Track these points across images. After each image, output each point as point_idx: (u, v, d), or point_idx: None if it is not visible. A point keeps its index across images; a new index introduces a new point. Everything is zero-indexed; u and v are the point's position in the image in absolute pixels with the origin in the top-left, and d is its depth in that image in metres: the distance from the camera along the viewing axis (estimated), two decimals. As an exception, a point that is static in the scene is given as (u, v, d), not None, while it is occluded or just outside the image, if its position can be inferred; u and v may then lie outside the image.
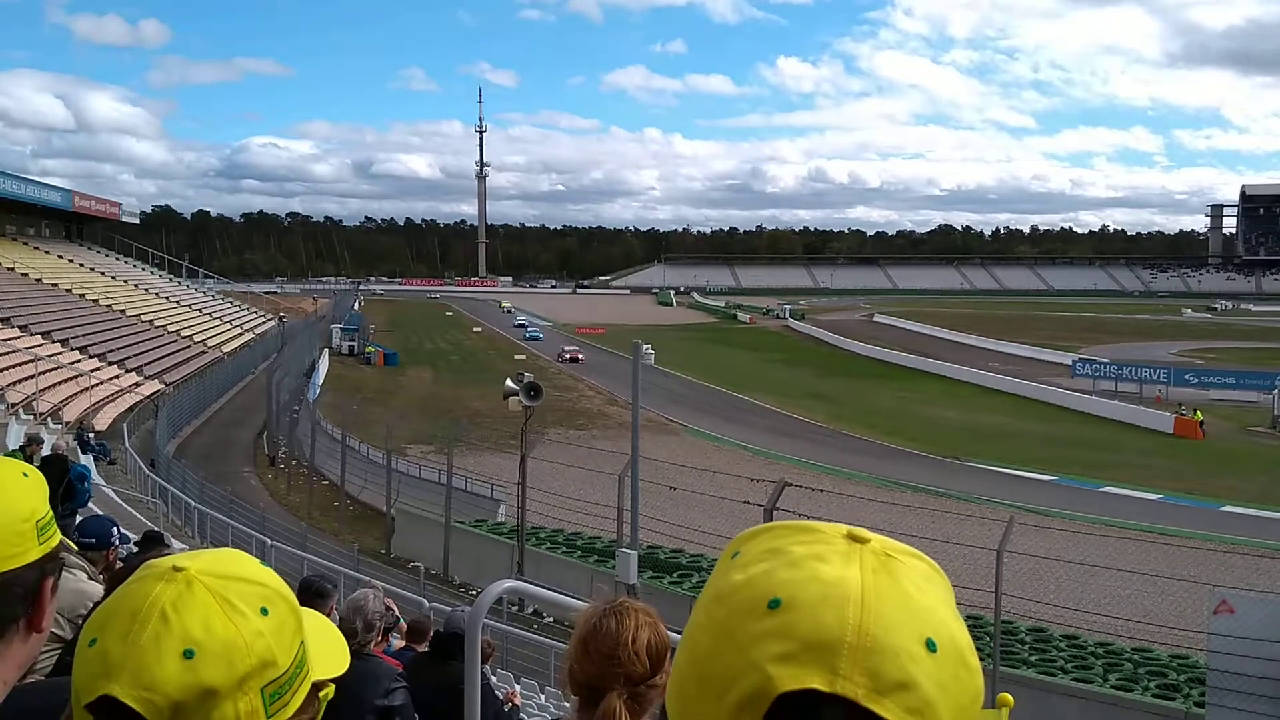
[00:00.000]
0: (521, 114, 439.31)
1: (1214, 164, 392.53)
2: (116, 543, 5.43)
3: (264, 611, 1.08)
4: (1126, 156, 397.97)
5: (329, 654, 1.23)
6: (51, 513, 1.49)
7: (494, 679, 8.93)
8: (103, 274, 64.50)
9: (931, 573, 0.84)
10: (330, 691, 1.18)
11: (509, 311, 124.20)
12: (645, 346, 23.58)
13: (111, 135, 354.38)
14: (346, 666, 1.26)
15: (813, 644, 0.75)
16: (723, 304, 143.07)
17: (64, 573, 1.70)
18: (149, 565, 1.11)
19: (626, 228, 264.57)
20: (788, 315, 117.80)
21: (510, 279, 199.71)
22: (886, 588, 0.79)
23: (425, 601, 13.74)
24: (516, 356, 75.55)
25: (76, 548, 4.83)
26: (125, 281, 65.96)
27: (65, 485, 10.54)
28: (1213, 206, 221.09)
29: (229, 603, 1.07)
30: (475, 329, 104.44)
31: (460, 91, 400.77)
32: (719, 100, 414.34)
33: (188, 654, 1.03)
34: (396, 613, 7.25)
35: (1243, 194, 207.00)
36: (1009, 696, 1.43)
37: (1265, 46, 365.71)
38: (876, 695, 0.74)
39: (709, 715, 0.78)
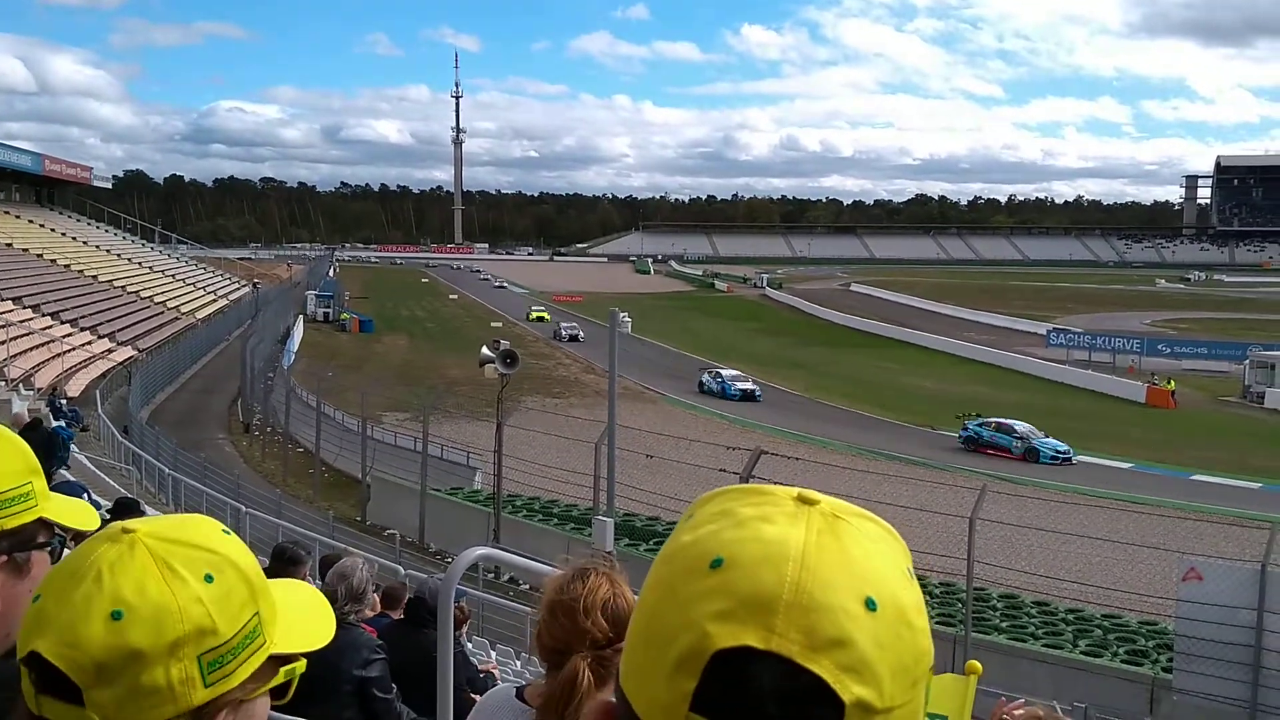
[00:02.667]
0: (488, 79, 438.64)
1: (1182, 134, 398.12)
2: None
3: (208, 578, 1.06)
4: (1096, 127, 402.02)
5: (307, 627, 1.19)
6: (28, 487, 1.45)
7: (469, 645, 8.94)
8: (74, 239, 63.79)
9: (882, 534, 0.83)
10: (301, 665, 1.15)
11: (561, 336, 67.88)
12: (623, 315, 23.51)
13: (75, 98, 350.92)
14: (327, 641, 1.21)
15: (750, 601, 0.76)
16: (701, 273, 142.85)
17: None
18: (107, 527, 1.10)
19: (604, 195, 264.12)
20: (765, 284, 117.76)
21: (486, 246, 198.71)
22: (829, 547, 0.78)
23: (401, 569, 13.73)
24: (493, 324, 75.39)
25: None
26: (97, 247, 65.27)
27: (50, 448, 10.53)
28: (1187, 178, 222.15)
29: (170, 567, 1.05)
30: (451, 296, 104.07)
31: (425, 56, 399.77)
32: (687, 67, 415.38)
33: (115, 615, 1.02)
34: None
35: (1218, 165, 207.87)
36: (977, 664, 1.43)
37: (1224, 17, 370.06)
38: (811, 652, 0.74)
39: (652, 673, 0.79)
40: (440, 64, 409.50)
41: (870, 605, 0.76)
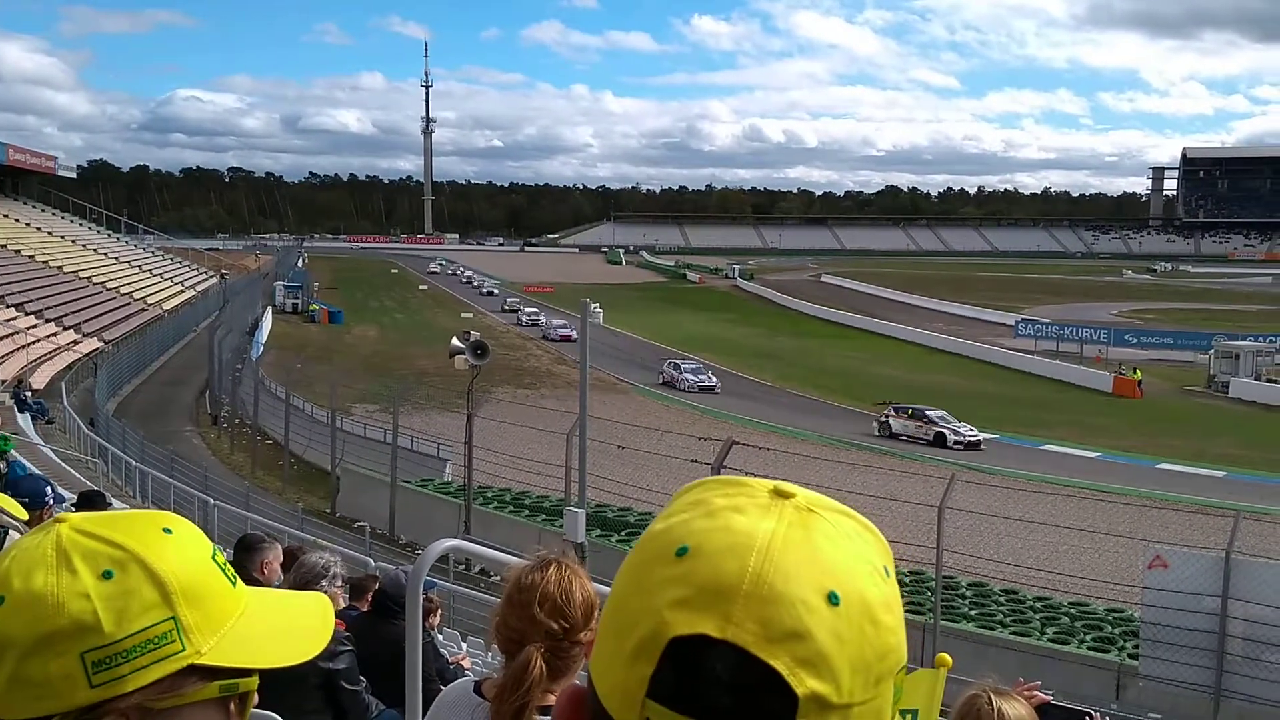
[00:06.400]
0: (443, 69, 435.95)
1: (1140, 126, 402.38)
2: (51, 502, 5.34)
3: (106, 575, 1.01)
4: (1054, 119, 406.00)
5: (273, 643, 1.11)
6: None
7: (439, 637, 8.91)
8: (39, 229, 63.02)
9: (858, 530, 0.83)
10: (249, 682, 1.09)
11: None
12: (594, 305, 23.49)
13: (27, 86, 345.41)
14: (299, 660, 1.13)
15: (709, 590, 0.76)
16: (672, 263, 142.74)
17: None
18: (56, 516, 1.08)
19: (575, 185, 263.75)
20: (737, 275, 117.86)
21: (457, 236, 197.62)
22: (796, 540, 0.79)
23: (371, 561, 13.65)
24: (463, 315, 75.12)
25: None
26: (62, 237, 64.47)
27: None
28: (1154, 169, 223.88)
29: (67, 558, 1.01)
30: (421, 286, 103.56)
31: (375, 45, 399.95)
32: (642, 57, 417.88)
33: None
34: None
35: (1184, 157, 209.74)
36: (947, 657, 1.43)
37: (1168, 9, 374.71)
38: (767, 643, 0.74)
39: (615, 658, 0.79)
40: (392, 52, 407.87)
41: (833, 600, 0.76)
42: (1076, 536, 19.85)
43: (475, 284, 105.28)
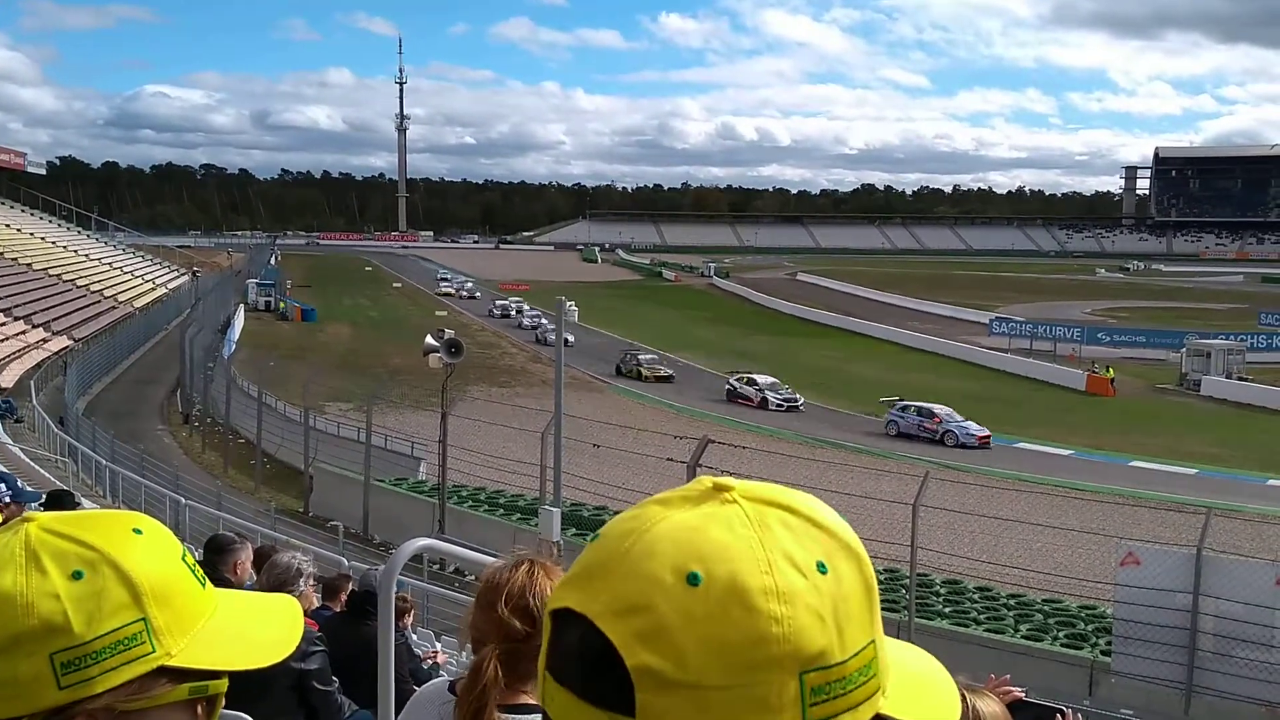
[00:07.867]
0: (411, 65, 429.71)
1: (1108, 125, 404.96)
2: (7, 500, 5.28)
3: (76, 575, 0.99)
4: (1024, 118, 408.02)
5: (242, 645, 1.10)
6: None
7: (414, 637, 8.87)
8: (7, 226, 62.39)
9: (788, 521, 0.81)
10: (219, 685, 1.08)
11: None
12: (569, 304, 23.37)
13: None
14: (268, 662, 1.12)
15: (586, 568, 0.81)
16: (648, 261, 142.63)
17: None
18: (23, 516, 1.06)
19: (550, 183, 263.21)
20: (713, 273, 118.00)
21: (431, 234, 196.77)
22: (688, 525, 0.80)
23: (344, 560, 13.58)
24: (438, 313, 74.87)
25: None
26: (32, 234, 63.89)
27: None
28: (1126, 168, 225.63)
29: (36, 559, 1.00)
30: (395, 284, 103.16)
31: (343, 41, 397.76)
32: (612, 55, 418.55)
33: None
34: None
35: (1156, 156, 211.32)
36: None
37: (1132, 9, 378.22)
38: (610, 616, 0.77)
39: None
40: (359, 48, 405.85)
41: (691, 579, 0.76)
42: (1050, 534, 19.98)
43: (527, 324, 67.14)
